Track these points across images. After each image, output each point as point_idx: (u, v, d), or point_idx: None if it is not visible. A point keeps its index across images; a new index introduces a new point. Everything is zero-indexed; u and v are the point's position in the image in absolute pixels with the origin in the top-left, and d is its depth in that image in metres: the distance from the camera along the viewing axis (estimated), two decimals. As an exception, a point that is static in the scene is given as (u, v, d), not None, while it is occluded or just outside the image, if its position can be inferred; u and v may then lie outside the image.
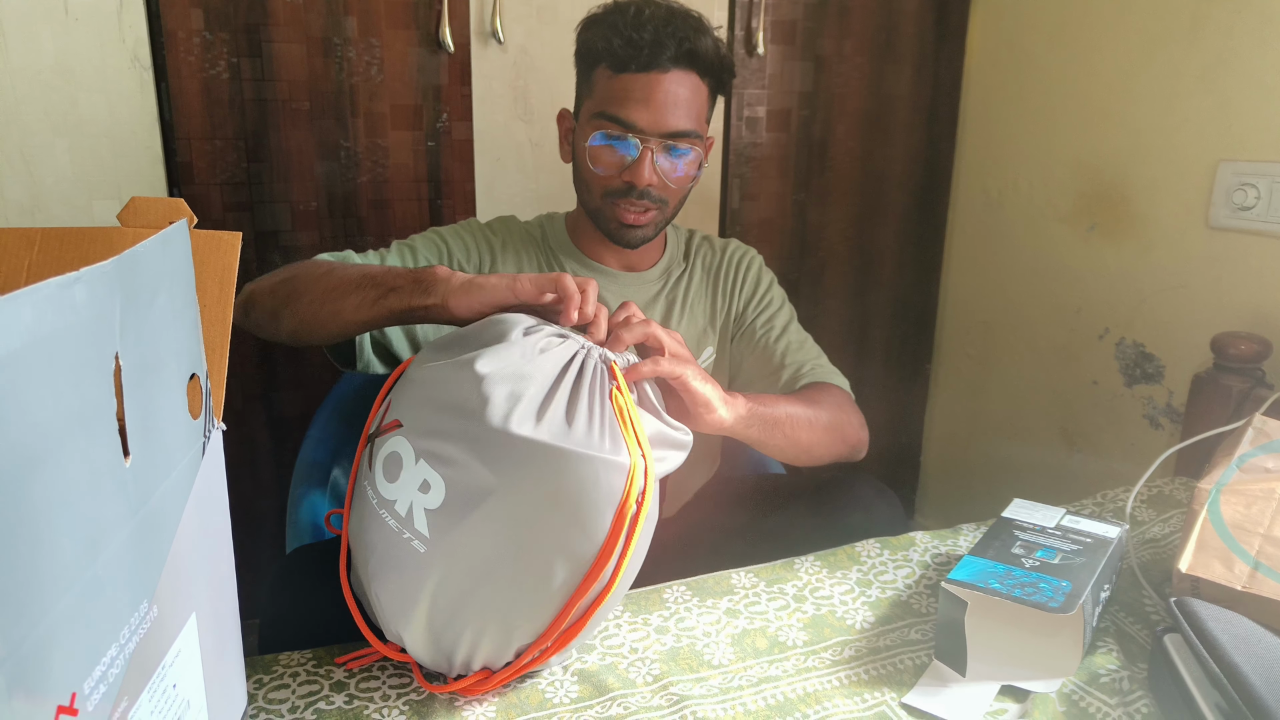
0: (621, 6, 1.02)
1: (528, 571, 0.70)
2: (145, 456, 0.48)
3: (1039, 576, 0.81)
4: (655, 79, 0.99)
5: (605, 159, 1.03)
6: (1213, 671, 0.69)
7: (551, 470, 0.68)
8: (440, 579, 0.70)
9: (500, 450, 0.68)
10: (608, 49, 1.00)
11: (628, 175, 1.02)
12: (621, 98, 1.00)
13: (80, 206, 1.31)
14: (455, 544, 0.70)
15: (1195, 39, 1.44)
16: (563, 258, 1.15)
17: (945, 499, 2.08)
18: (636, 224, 1.06)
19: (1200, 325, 1.46)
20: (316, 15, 1.38)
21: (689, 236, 1.23)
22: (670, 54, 0.99)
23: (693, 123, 1.02)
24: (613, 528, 0.70)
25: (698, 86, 1.03)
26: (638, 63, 0.99)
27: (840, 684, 0.79)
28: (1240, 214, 1.40)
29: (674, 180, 1.05)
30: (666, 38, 0.98)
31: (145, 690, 0.49)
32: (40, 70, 1.25)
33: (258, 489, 1.52)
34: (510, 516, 0.69)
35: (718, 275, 1.19)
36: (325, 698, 0.74)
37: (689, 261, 1.19)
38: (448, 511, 0.69)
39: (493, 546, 0.69)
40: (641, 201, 1.04)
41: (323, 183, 1.45)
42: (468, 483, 0.69)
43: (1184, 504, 1.12)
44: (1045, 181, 1.74)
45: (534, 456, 0.68)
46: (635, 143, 1.01)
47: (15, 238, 0.53)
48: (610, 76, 1.01)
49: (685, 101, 1.01)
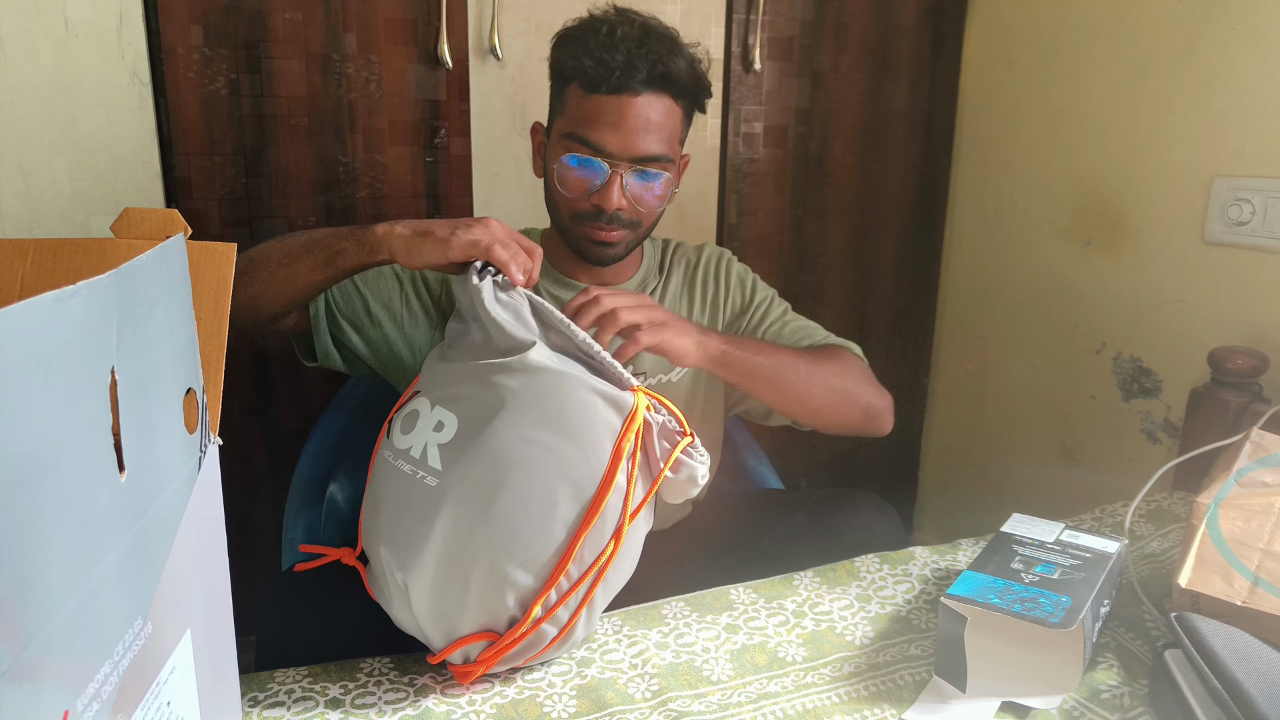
0: (595, 24, 1.00)
1: (533, 497, 0.74)
2: (141, 471, 0.48)
3: (1039, 592, 0.81)
4: (626, 102, 0.98)
5: (573, 181, 1.02)
6: (1214, 687, 0.69)
7: (553, 390, 0.76)
8: (451, 510, 0.74)
9: (509, 374, 0.76)
10: (579, 68, 0.99)
11: (596, 199, 1.01)
12: (591, 119, 0.99)
13: (79, 222, 1.31)
14: (465, 469, 0.75)
15: (1190, 54, 1.45)
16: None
17: (943, 514, 2.08)
18: (606, 241, 1.05)
19: (1197, 340, 1.46)
20: (316, 32, 1.38)
21: (664, 247, 1.22)
22: (642, 76, 0.97)
23: (664, 146, 1.01)
24: (612, 459, 0.75)
25: (670, 109, 1.01)
26: (608, 84, 0.97)
27: (840, 700, 0.78)
28: (1236, 229, 1.40)
29: (644, 204, 1.04)
30: (639, 60, 0.96)
31: (139, 707, 0.49)
32: (40, 85, 1.25)
33: (254, 505, 1.51)
34: (517, 436, 0.74)
35: (693, 283, 1.18)
36: (320, 714, 0.74)
37: (664, 273, 1.19)
38: (460, 441, 0.76)
39: (500, 469, 0.74)
40: (611, 225, 1.03)
41: (321, 198, 1.45)
42: (478, 409, 0.76)
43: (1183, 519, 1.12)
44: (1042, 197, 1.75)
45: (540, 377, 0.76)
46: (604, 166, 0.99)
47: (8, 249, 0.53)
48: (581, 96, 1.00)
49: (657, 125, 0.99)
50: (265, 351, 1.47)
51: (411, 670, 0.80)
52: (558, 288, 1.15)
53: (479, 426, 0.75)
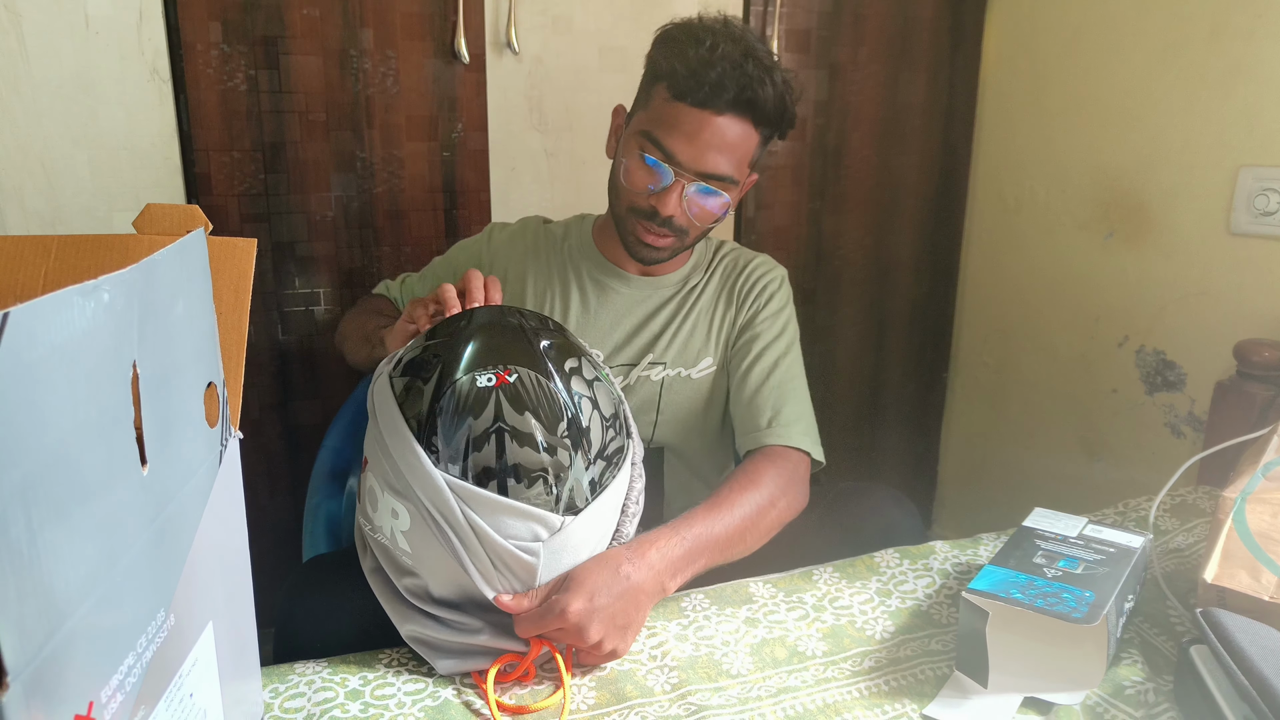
0: (698, 35, 0.99)
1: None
2: (163, 465, 0.48)
3: (1062, 587, 0.80)
4: (707, 118, 0.98)
5: (638, 178, 1.03)
6: (1241, 684, 0.68)
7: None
8: (430, 582, 0.81)
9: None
10: (671, 72, 0.99)
11: (655, 200, 1.02)
12: (670, 125, 0.99)
13: (100, 217, 1.32)
14: (429, 555, 0.79)
15: (1215, 43, 1.43)
16: (579, 259, 1.17)
17: (963, 508, 2.06)
18: (653, 245, 1.06)
19: (1222, 332, 1.44)
20: (333, 27, 1.39)
21: (718, 247, 1.21)
22: (729, 98, 0.97)
23: (731, 168, 1.01)
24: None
25: (748, 134, 1.01)
26: (695, 98, 0.97)
27: (860, 695, 0.78)
28: (1262, 219, 1.38)
29: (697, 218, 1.04)
30: (730, 81, 0.96)
31: (162, 699, 0.49)
32: (61, 83, 1.26)
33: (274, 498, 1.52)
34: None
35: (733, 288, 1.16)
36: (341, 705, 0.74)
37: (709, 272, 1.18)
38: (416, 531, 0.78)
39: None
40: (662, 228, 1.04)
41: (339, 193, 1.45)
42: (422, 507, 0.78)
43: (1208, 513, 1.11)
44: (1063, 188, 1.73)
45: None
46: (670, 173, 1.00)
47: (33, 246, 0.53)
48: (666, 100, 1.00)
49: (730, 147, 1.00)
50: (285, 346, 1.48)
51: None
52: (604, 275, 1.15)
53: (428, 523, 0.77)
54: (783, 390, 1.09)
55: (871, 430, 2.00)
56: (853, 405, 1.96)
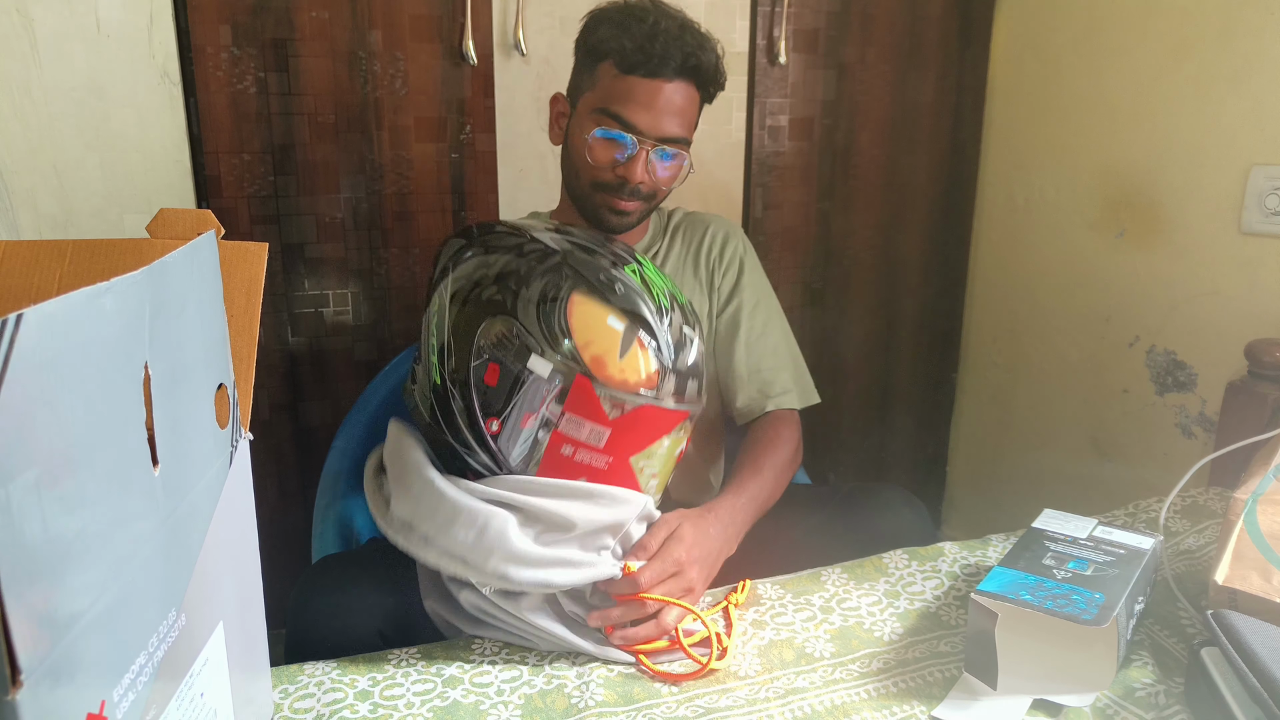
0: (636, 12, 1.06)
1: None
2: (173, 465, 0.48)
3: (1071, 588, 0.80)
4: (659, 86, 1.05)
5: (602, 152, 1.08)
6: (1252, 686, 0.67)
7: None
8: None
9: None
10: (618, 49, 1.05)
11: (622, 171, 1.07)
12: (625, 98, 1.05)
13: (112, 220, 1.33)
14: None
15: (1226, 41, 1.42)
16: None
17: (972, 509, 2.06)
18: (624, 210, 1.11)
19: (1233, 332, 1.44)
20: (342, 30, 1.39)
21: (669, 214, 1.27)
22: (675, 65, 1.05)
23: (685, 130, 1.09)
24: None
25: (693, 97, 1.09)
26: (645, 68, 1.04)
27: (868, 696, 0.78)
28: (1273, 218, 1.37)
29: (662, 180, 1.10)
30: (675, 50, 1.04)
31: (173, 698, 0.49)
32: (73, 87, 1.27)
33: (284, 499, 1.53)
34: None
35: (699, 255, 1.22)
36: (350, 706, 0.74)
37: (667, 238, 1.23)
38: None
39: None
40: (630, 198, 1.09)
41: (348, 195, 1.46)
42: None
43: (1219, 514, 1.10)
44: (1072, 188, 1.72)
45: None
46: (633, 141, 1.06)
47: (47, 250, 0.53)
48: (615, 76, 1.06)
49: (681, 110, 1.07)
50: (295, 348, 1.48)
51: (439, 661, 0.81)
52: None
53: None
54: (777, 355, 1.19)
55: (880, 430, 1.99)
56: (862, 405, 1.96)
